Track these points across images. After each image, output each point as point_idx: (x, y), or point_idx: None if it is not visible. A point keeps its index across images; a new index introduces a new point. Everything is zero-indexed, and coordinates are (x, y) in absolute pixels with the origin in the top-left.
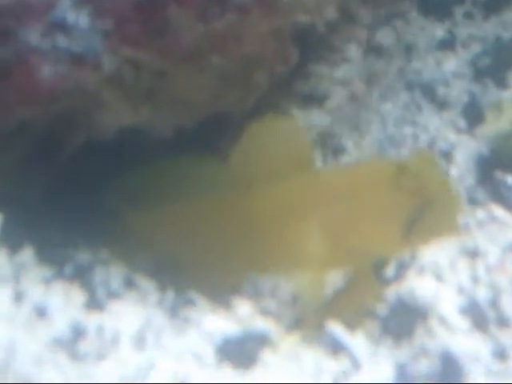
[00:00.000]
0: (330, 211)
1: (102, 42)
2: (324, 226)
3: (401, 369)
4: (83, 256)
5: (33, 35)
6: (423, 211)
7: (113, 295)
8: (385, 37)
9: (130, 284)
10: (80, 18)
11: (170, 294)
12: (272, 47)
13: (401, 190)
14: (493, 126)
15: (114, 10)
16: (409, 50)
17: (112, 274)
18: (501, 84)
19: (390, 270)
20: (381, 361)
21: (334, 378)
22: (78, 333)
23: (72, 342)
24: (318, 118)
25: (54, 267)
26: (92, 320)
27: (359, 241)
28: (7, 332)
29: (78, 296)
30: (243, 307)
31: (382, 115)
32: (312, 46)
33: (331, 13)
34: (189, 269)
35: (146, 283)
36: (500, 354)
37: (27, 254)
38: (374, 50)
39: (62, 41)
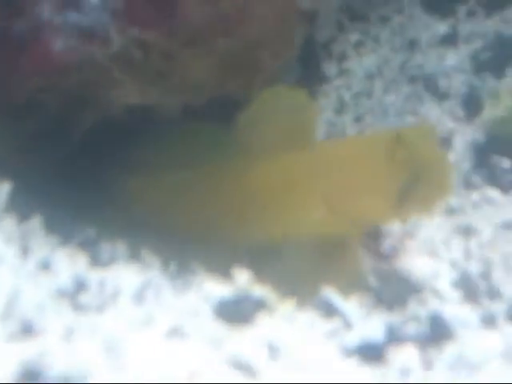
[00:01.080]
0: (329, 181)
1: (111, 19)
2: (323, 195)
3: (390, 329)
4: (90, 229)
5: (47, 10)
6: (416, 181)
7: (117, 260)
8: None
9: (134, 257)
10: None
11: (173, 264)
12: (275, 31)
13: (395, 160)
14: (490, 112)
15: None
16: (412, 45)
17: (118, 247)
18: (499, 77)
19: (385, 245)
20: (372, 322)
21: (325, 336)
22: (80, 286)
23: (74, 294)
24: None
25: (61, 237)
26: (94, 275)
27: (355, 209)
28: (12, 280)
29: (83, 258)
30: (242, 276)
31: (384, 106)
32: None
33: (335, 1)
34: (191, 239)
35: (151, 257)
36: (488, 320)
37: (35, 223)
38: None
39: (73, 16)
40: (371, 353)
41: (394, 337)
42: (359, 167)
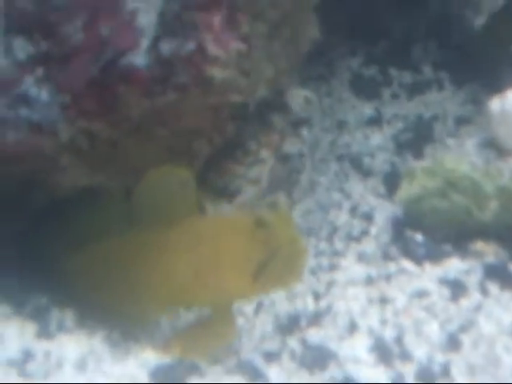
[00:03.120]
0: (199, 253)
1: (59, 113)
2: (192, 265)
3: None
4: (40, 299)
5: (1, 107)
6: (272, 260)
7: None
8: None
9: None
10: (41, 93)
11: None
12: (209, 121)
13: (255, 240)
14: (406, 190)
15: (70, 86)
16: (340, 125)
17: (66, 315)
18: (418, 156)
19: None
20: None
21: None
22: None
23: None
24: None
25: (13, 307)
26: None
27: (217, 282)
28: None
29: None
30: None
31: (313, 184)
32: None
33: (263, 92)
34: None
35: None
36: (398, 380)
37: None
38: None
39: (24, 111)
40: None
41: None
42: (225, 242)
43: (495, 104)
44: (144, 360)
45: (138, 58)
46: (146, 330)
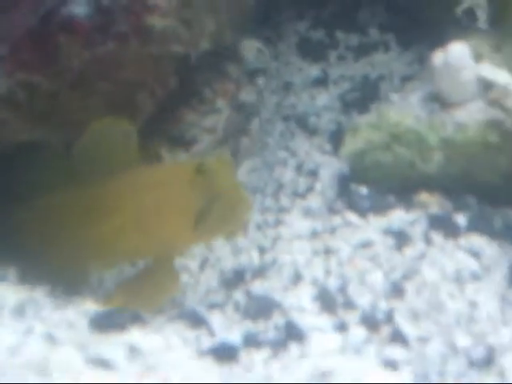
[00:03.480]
0: (140, 204)
1: None
2: (133, 216)
3: (249, 336)
4: None
5: None
6: (212, 207)
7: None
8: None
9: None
10: None
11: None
12: (151, 73)
13: (195, 187)
14: (350, 145)
15: (8, 37)
16: (286, 87)
17: (9, 271)
18: (364, 114)
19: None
20: (233, 331)
21: (185, 341)
22: None
23: None
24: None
25: None
26: None
27: (158, 231)
28: None
29: None
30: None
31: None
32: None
33: (205, 45)
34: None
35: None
36: (340, 327)
37: None
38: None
39: None
40: (226, 354)
41: (250, 342)
42: (164, 193)
43: (438, 58)
44: (85, 309)
45: (78, 8)
46: (89, 285)
